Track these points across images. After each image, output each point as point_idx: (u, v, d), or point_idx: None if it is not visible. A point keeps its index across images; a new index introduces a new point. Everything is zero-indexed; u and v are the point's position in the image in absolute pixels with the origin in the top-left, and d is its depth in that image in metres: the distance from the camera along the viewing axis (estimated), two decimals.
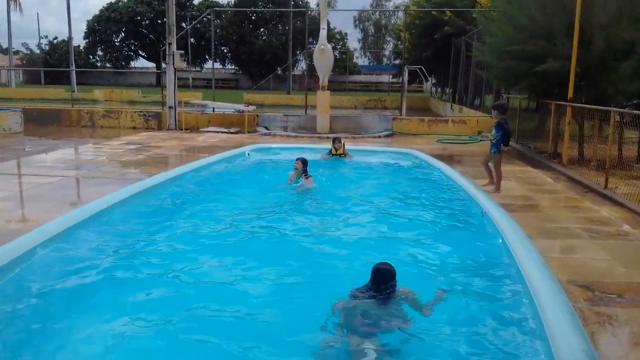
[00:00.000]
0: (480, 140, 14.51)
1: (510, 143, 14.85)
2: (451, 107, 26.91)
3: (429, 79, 34.58)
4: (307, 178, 8.51)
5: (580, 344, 3.41)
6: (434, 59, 31.80)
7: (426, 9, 30.47)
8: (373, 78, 63.48)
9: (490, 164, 8.72)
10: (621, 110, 9.25)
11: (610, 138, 8.99)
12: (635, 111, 8.61)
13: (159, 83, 32.97)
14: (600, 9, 10.90)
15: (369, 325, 3.88)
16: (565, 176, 10.20)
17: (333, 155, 11.36)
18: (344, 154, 11.43)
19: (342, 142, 11.54)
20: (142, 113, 19.09)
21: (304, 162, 8.60)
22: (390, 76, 50.26)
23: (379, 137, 16.89)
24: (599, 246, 5.84)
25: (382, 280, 4.08)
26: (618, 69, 10.46)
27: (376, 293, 4.06)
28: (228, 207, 7.47)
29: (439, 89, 40.18)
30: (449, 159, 11.99)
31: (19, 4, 42.13)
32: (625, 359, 3.57)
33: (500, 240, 5.82)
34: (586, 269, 5.13)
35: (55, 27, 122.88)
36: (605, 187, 8.65)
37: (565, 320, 3.73)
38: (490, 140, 8.30)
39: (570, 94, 10.81)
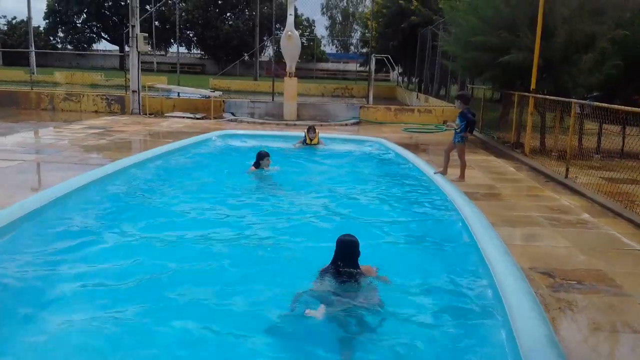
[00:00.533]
0: (446, 130, 14.67)
1: (475, 133, 15.13)
2: (417, 97, 27.13)
3: (396, 68, 34.73)
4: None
5: (542, 329, 3.49)
6: (401, 48, 31.95)
7: None
8: (340, 66, 63.41)
9: (451, 153, 8.78)
10: (582, 102, 9.46)
11: (571, 129, 9.20)
12: (595, 103, 8.82)
13: (123, 66, 32.34)
14: (563, 2, 11.10)
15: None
16: (528, 166, 10.41)
17: (307, 144, 11.36)
18: (318, 143, 11.47)
19: (317, 131, 11.55)
20: (104, 97, 18.66)
21: (266, 154, 8.57)
22: (358, 64, 50.26)
23: (346, 125, 16.91)
24: (560, 234, 5.99)
25: (347, 251, 4.28)
26: (579, 61, 10.69)
27: (342, 265, 4.25)
28: (192, 194, 7.39)
29: (405, 78, 40.41)
30: (415, 148, 12.09)
31: None
32: (585, 343, 3.67)
33: (463, 227, 5.91)
34: (547, 256, 5.25)
35: (14, 7, 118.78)
36: (566, 176, 8.86)
37: (527, 306, 3.81)
38: (455, 129, 8.39)
39: (532, 85, 11.00)
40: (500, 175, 9.49)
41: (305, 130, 11.57)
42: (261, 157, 8.54)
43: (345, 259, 4.28)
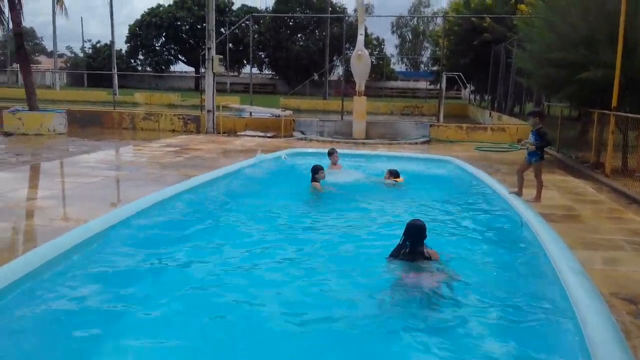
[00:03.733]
0: (520, 149, 14.27)
1: (552, 152, 14.65)
2: (490, 115, 26.56)
3: (467, 85, 34.22)
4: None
5: (622, 358, 3.32)
6: (473, 65, 31.45)
7: (465, 16, 30.17)
8: (410, 84, 63.20)
9: (525, 173, 8.49)
10: None
11: None
12: None
13: (198, 87, 33.55)
14: None
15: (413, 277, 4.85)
16: (608, 187, 9.95)
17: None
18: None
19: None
20: (181, 116, 19.44)
21: (320, 167, 8.81)
22: (428, 82, 49.94)
23: (416, 143, 16.78)
24: None
25: (416, 233, 5.06)
26: None
27: (411, 246, 5.02)
28: (264, 211, 7.56)
29: (477, 96, 39.70)
30: (487, 168, 11.82)
31: (65, 8, 43.26)
32: None
33: (540, 251, 5.71)
34: (629, 282, 4.99)
35: (98, 31, 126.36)
36: None
37: (607, 333, 3.64)
38: (527, 148, 8.12)
39: (614, 103, 10.55)
40: (579, 196, 9.12)
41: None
42: (315, 171, 8.74)
43: (414, 240, 5.04)
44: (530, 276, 5.24)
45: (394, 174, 9.61)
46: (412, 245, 5.03)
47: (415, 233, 5.07)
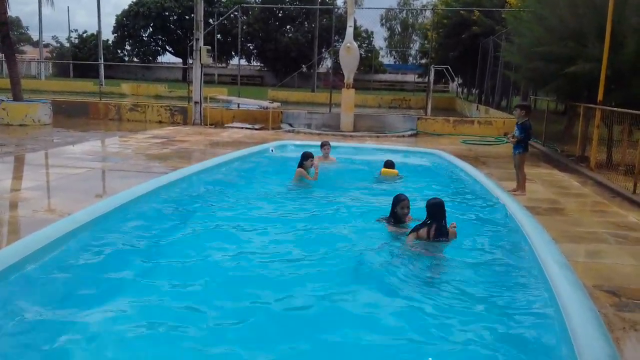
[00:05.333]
0: (506, 142, 14.35)
1: (538, 145, 14.75)
2: (477, 108, 26.64)
3: (455, 79, 34.28)
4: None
5: (605, 349, 3.35)
6: (461, 58, 31.50)
7: (454, 9, 30.18)
8: (398, 77, 63.14)
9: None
10: None
11: None
12: None
13: (185, 78, 33.30)
14: (633, 11, 10.69)
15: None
16: (593, 180, 10.03)
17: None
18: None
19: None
20: (168, 107, 19.30)
21: (310, 155, 8.81)
22: (416, 76, 49.93)
23: (403, 136, 16.81)
24: (626, 251, 5.74)
25: (438, 211, 5.46)
26: None
27: (436, 222, 5.41)
28: (252, 203, 7.54)
29: (465, 90, 39.79)
30: (474, 160, 11.87)
31: None
32: None
33: (525, 243, 5.74)
34: (612, 274, 5.04)
35: (85, 21, 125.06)
36: (634, 192, 8.50)
37: (590, 324, 3.66)
38: (509, 140, 8.18)
39: (600, 97, 10.62)
40: (564, 189, 9.19)
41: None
42: (305, 158, 8.76)
43: (438, 217, 5.43)
44: (514, 268, 5.26)
45: (389, 164, 9.50)
46: (438, 223, 5.41)
47: (438, 211, 5.45)
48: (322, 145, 10.52)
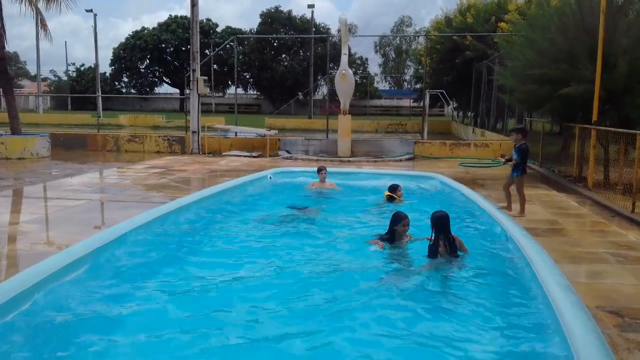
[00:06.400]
0: (503, 164, 14.40)
1: (535, 167, 14.80)
2: (473, 131, 26.82)
3: (451, 102, 34.55)
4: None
5: None
6: (456, 83, 31.83)
7: (447, 34, 30.58)
8: (394, 102, 63.68)
9: (511, 188, 8.63)
10: None
11: (637, 162, 8.85)
12: None
13: (183, 108, 33.54)
14: (623, 32, 10.85)
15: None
16: (591, 200, 10.05)
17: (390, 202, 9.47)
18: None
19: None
20: (166, 137, 19.37)
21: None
22: (411, 100, 50.37)
23: (401, 160, 16.86)
24: (628, 271, 5.72)
25: (443, 223, 5.74)
26: None
27: (443, 236, 5.74)
28: (250, 230, 7.53)
29: (460, 113, 40.08)
30: (472, 183, 11.90)
31: (49, 32, 43.04)
32: None
33: (526, 265, 5.72)
34: (615, 294, 5.01)
35: (83, 54, 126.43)
36: (633, 211, 8.50)
37: (594, 346, 3.64)
38: (504, 163, 8.22)
39: (594, 117, 10.70)
40: (563, 210, 9.19)
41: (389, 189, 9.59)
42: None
43: (445, 230, 5.75)
44: (515, 290, 5.24)
45: (392, 188, 9.43)
46: (444, 236, 5.73)
47: (444, 224, 5.75)
48: (319, 171, 10.63)
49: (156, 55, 65.38)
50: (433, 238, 5.84)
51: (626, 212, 8.59)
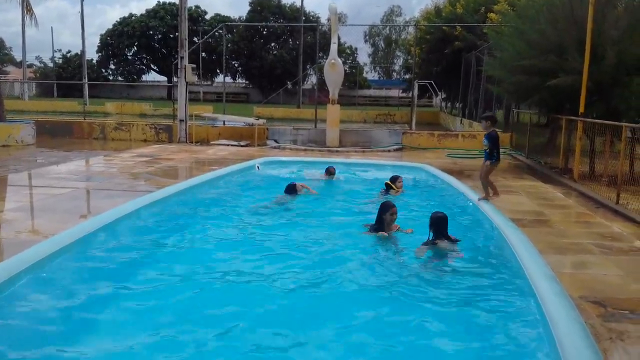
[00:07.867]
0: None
1: (521, 158, 14.88)
2: (461, 122, 26.87)
3: (439, 93, 34.60)
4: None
5: None
6: (444, 73, 31.81)
7: (436, 24, 30.52)
8: (383, 92, 63.56)
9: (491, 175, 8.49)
10: (633, 125, 9.18)
11: (622, 153, 8.93)
12: None
13: (170, 96, 33.25)
14: (612, 24, 10.89)
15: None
16: (577, 191, 10.13)
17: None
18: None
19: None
20: (153, 126, 19.23)
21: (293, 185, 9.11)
22: (400, 91, 50.34)
23: (389, 151, 16.88)
24: (611, 262, 5.78)
25: (442, 224, 5.98)
26: (630, 84, 10.42)
27: (440, 236, 5.93)
28: (237, 220, 7.50)
29: (448, 104, 40.14)
30: (458, 174, 11.94)
31: (35, 18, 42.39)
32: None
33: (510, 255, 5.76)
34: (598, 285, 5.07)
35: (69, 41, 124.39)
36: (617, 202, 8.58)
37: (577, 336, 3.68)
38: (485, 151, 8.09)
39: (581, 109, 10.76)
40: (548, 201, 9.26)
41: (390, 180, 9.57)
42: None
43: (442, 229, 5.97)
44: (499, 280, 5.28)
45: (393, 179, 9.43)
46: (444, 234, 5.97)
47: (440, 224, 5.98)
48: (328, 173, 10.87)
49: (144, 42, 64.59)
50: (431, 239, 5.96)
51: (611, 203, 8.67)
